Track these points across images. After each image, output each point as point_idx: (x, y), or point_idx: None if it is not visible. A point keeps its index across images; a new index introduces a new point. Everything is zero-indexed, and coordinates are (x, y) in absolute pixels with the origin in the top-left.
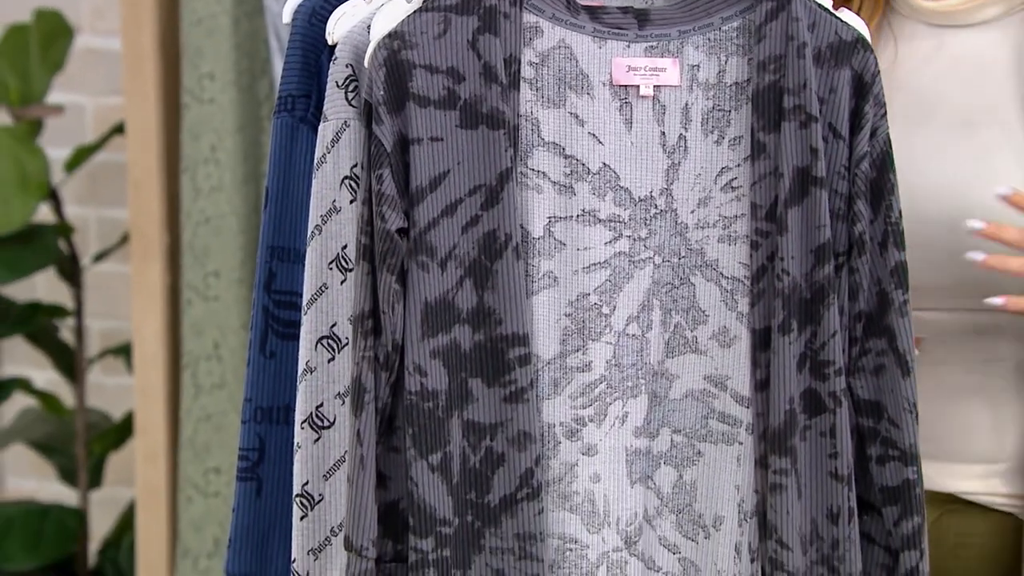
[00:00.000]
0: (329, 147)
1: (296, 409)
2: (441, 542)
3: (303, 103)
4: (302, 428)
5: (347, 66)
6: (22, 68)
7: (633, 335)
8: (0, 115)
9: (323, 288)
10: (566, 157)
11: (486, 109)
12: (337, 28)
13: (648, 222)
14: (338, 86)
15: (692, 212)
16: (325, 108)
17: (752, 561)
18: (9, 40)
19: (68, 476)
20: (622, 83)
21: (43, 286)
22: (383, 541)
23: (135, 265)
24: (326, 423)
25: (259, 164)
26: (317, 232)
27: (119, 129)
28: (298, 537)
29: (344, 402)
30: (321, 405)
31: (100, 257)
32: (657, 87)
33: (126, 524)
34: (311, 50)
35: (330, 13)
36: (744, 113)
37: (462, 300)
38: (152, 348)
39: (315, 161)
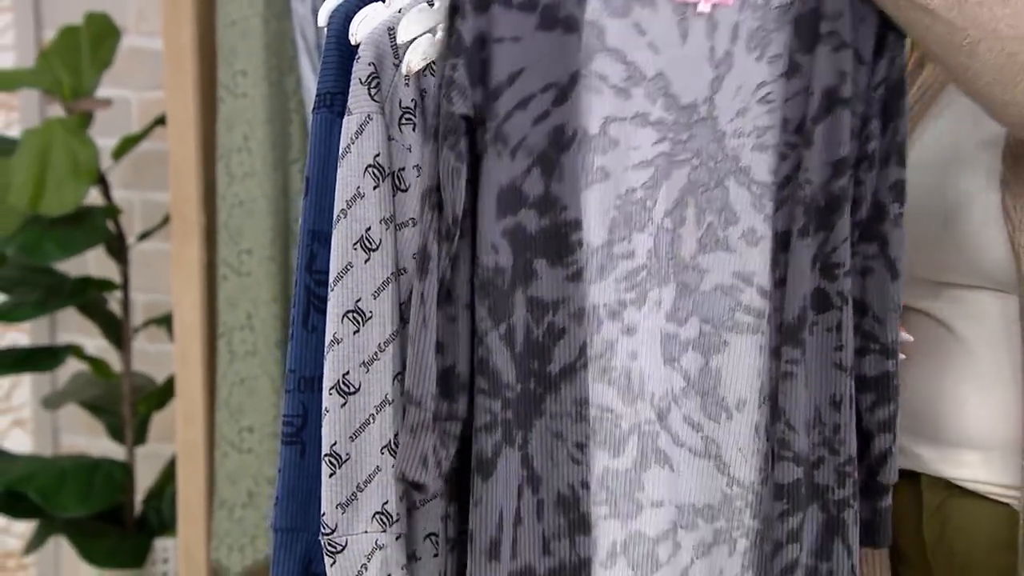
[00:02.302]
0: (353, 138)
1: (324, 377)
2: (505, 405)
3: (340, 99)
4: (330, 394)
5: (369, 64)
6: (74, 65)
7: (667, 228)
8: (54, 108)
9: (348, 267)
10: (626, 63)
11: (562, 14)
12: (360, 29)
13: (690, 127)
14: (361, 83)
15: (731, 121)
16: (349, 103)
17: (767, 440)
18: (62, 40)
19: (116, 433)
20: (682, 0)
21: (93, 263)
22: (439, 400)
23: (175, 244)
24: (352, 389)
25: (287, 152)
26: (343, 216)
27: (161, 120)
28: (327, 492)
29: (368, 370)
30: (347, 373)
31: (144, 236)
32: (714, 5)
33: (168, 477)
34: (346, 51)
35: None
36: (785, 34)
37: (529, 187)
38: (191, 318)
39: (340, 151)
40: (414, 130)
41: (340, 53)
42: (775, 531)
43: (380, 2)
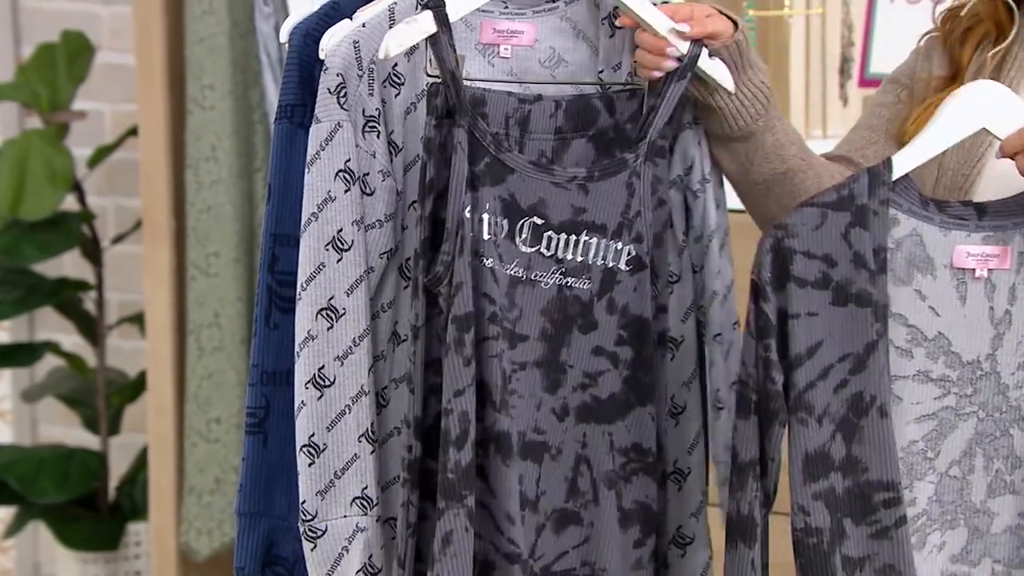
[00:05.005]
0: (323, 145)
1: (298, 372)
2: None
3: (300, 111)
4: (306, 388)
5: (337, 75)
6: (51, 80)
7: (954, 476)
8: (32, 120)
9: (321, 267)
10: (908, 327)
11: (855, 290)
12: (329, 44)
13: (974, 382)
14: (330, 92)
15: (1012, 374)
16: (318, 111)
17: None
18: (40, 57)
19: (91, 424)
20: (960, 266)
21: (69, 264)
22: None
23: (147, 247)
24: (327, 382)
25: (251, 161)
26: (313, 219)
27: (133, 131)
28: (307, 481)
29: (343, 364)
30: (323, 367)
31: (117, 240)
32: (990, 270)
33: (140, 465)
34: (306, 65)
35: (322, 33)
36: None
37: (835, 451)
38: (161, 317)
39: (308, 158)
40: (378, 137)
41: (300, 68)
42: None
43: (348, 19)
